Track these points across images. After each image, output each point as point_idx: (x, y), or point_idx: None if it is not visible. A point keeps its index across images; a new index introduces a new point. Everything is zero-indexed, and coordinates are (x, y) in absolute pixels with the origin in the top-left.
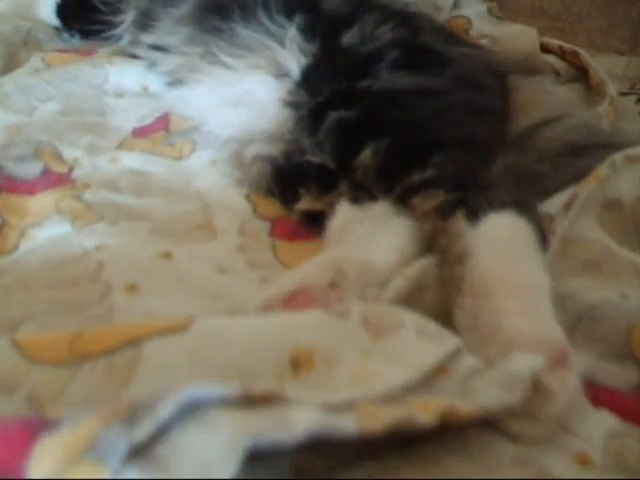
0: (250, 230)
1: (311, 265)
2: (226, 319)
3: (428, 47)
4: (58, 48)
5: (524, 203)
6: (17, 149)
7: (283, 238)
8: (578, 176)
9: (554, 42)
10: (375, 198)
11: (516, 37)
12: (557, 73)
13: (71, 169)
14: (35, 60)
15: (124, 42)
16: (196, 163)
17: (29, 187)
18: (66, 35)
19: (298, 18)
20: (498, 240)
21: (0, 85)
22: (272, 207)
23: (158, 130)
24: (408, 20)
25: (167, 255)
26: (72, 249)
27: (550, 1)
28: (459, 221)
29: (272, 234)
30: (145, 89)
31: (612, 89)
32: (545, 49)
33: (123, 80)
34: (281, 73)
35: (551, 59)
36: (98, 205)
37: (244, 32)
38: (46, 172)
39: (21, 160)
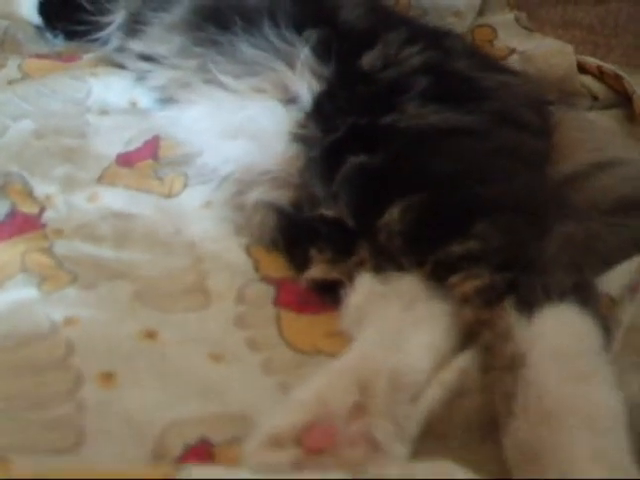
0: (251, 295)
1: (331, 378)
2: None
3: (462, 75)
4: (37, 53)
5: (585, 288)
6: None
7: (290, 308)
8: (636, 240)
9: (592, 61)
10: (402, 267)
11: (550, 55)
12: (594, 97)
13: (42, 209)
14: (11, 68)
15: (111, 47)
16: (188, 203)
17: None
18: (49, 35)
19: (310, 34)
20: (559, 345)
21: None
22: (277, 265)
23: (145, 157)
24: (438, 40)
25: (151, 335)
26: (37, 321)
27: (583, 11)
28: (508, 312)
29: (277, 302)
30: (133, 105)
31: None
32: (581, 69)
33: (108, 95)
34: (289, 99)
35: (587, 80)
36: (71, 261)
37: (246, 48)
38: (13, 213)
39: None
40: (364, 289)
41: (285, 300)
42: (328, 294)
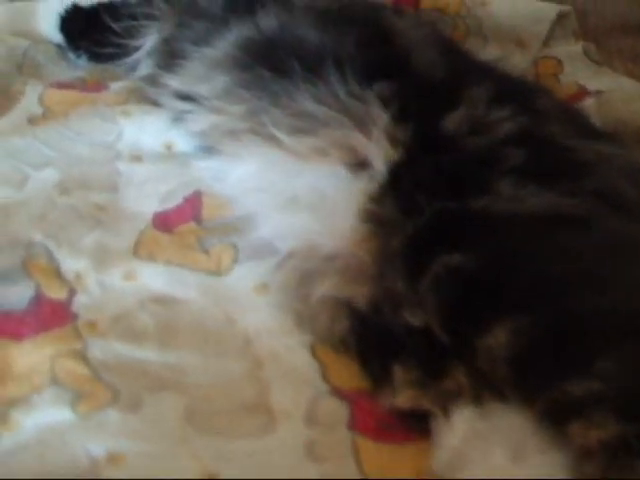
0: (321, 415)
1: None
2: None
3: (558, 145)
4: (59, 81)
5: None
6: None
7: (367, 435)
8: None
9: None
10: (507, 398)
11: (631, 100)
12: None
13: (72, 293)
14: (30, 99)
15: (140, 74)
16: (240, 284)
17: (15, 326)
18: (71, 55)
19: (382, 87)
20: None
21: None
22: (349, 372)
23: (186, 219)
24: (528, 99)
25: (211, 476)
26: (73, 456)
27: None
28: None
29: (352, 425)
30: (168, 148)
31: None
32: None
33: (141, 137)
34: (359, 166)
35: None
36: (110, 369)
37: (306, 99)
38: (38, 299)
39: (5, 278)
40: (462, 427)
41: (362, 423)
42: (414, 420)
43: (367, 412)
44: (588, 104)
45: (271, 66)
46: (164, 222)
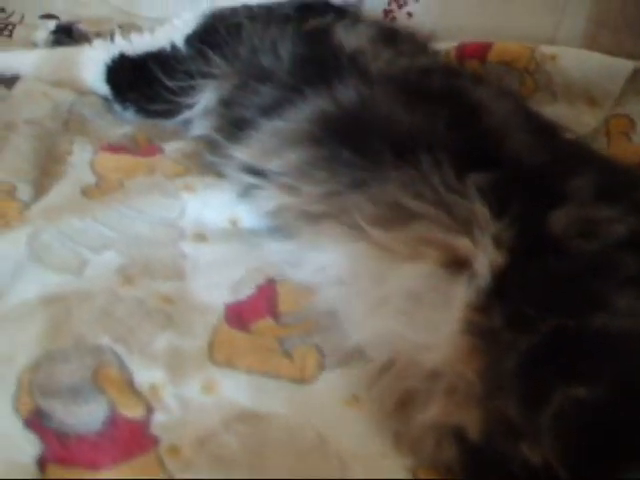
0: None
1: None
2: None
3: None
4: (110, 144)
5: None
6: (65, 369)
7: None
8: None
9: None
10: None
11: None
12: None
13: (149, 410)
14: (81, 167)
15: (194, 133)
16: (328, 395)
17: (90, 452)
18: (117, 107)
19: (480, 177)
20: None
21: (36, 232)
22: None
23: (262, 314)
24: (635, 192)
25: None
26: None
27: None
28: None
29: None
30: (233, 223)
31: None
32: None
33: (204, 212)
34: (458, 268)
35: None
36: None
37: (397, 187)
38: (114, 420)
39: (75, 396)
40: None
41: None
42: None
43: None
44: None
45: (352, 146)
46: (238, 317)
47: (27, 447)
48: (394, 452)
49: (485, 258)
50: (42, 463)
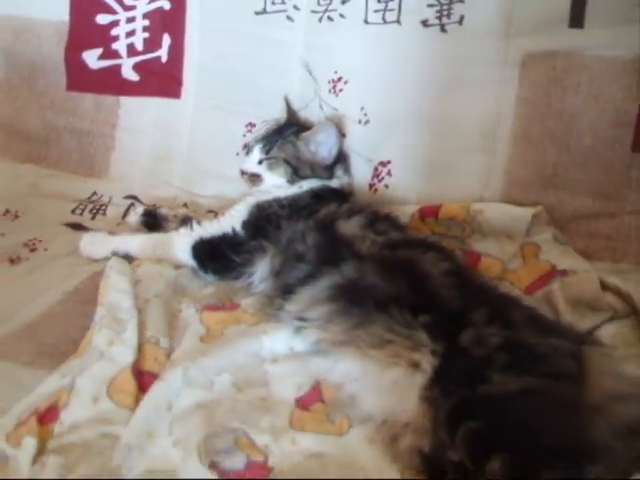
0: None
1: None
2: None
3: (526, 345)
4: (209, 305)
5: None
6: (221, 441)
7: None
8: None
9: (612, 282)
10: None
11: (582, 282)
12: (615, 310)
13: (266, 457)
14: (194, 324)
15: (256, 290)
16: (356, 439)
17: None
18: (201, 274)
19: (424, 318)
20: None
21: (187, 369)
22: None
23: (316, 401)
24: (507, 313)
25: None
26: None
27: (603, 224)
28: None
29: None
30: (291, 349)
31: None
32: (604, 286)
33: (274, 345)
34: (416, 368)
35: (610, 298)
36: None
37: (379, 326)
38: (249, 464)
39: (229, 454)
40: None
41: None
42: None
43: None
44: (555, 287)
45: (354, 303)
46: (303, 405)
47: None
48: (391, 464)
49: (427, 362)
50: None
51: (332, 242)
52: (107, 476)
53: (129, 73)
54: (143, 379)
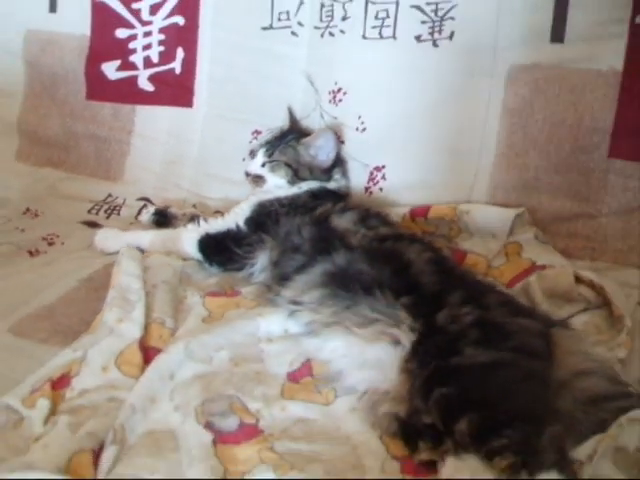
0: (388, 470)
1: None
2: None
3: (496, 323)
4: (212, 291)
5: (563, 462)
6: (217, 405)
7: (411, 474)
8: (601, 422)
9: (586, 276)
10: (470, 452)
11: (557, 275)
12: (588, 301)
13: (257, 420)
14: (197, 307)
15: (256, 280)
16: (340, 409)
17: (233, 439)
18: (207, 266)
19: (405, 300)
20: None
21: (188, 343)
22: (399, 447)
23: (306, 375)
24: (481, 298)
25: None
26: None
27: (582, 225)
28: (521, 475)
29: (403, 471)
30: (286, 331)
31: (629, 321)
32: (578, 279)
33: (270, 327)
34: (396, 343)
35: (583, 289)
36: (287, 455)
37: (365, 308)
38: (242, 425)
39: (222, 415)
40: (450, 465)
41: (408, 470)
42: (431, 466)
43: (410, 465)
44: (533, 279)
45: (343, 287)
46: (294, 378)
47: (204, 437)
48: (371, 429)
49: (407, 338)
50: (214, 444)
51: (326, 235)
52: (111, 434)
53: (145, 84)
54: (149, 353)
